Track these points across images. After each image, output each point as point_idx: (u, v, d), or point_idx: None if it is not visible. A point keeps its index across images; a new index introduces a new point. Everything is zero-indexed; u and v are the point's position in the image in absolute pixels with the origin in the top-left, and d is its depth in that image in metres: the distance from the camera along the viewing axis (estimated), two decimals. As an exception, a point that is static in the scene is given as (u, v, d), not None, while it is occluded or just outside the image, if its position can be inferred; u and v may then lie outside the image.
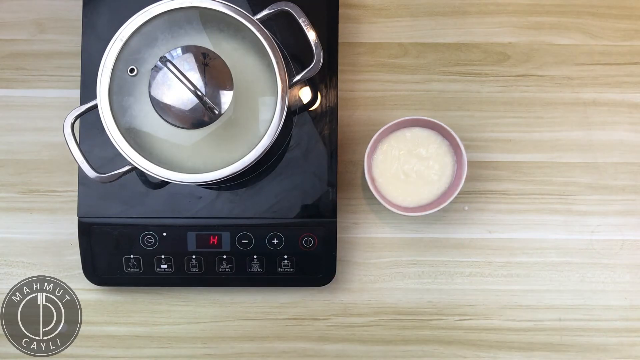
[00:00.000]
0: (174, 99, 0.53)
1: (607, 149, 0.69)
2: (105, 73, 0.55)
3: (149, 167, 0.55)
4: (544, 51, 0.70)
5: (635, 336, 0.68)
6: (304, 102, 0.66)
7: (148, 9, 0.56)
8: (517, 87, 0.70)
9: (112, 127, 0.55)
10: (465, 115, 0.69)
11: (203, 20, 0.58)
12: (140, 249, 0.64)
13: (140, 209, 0.65)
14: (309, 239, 0.65)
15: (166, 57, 0.53)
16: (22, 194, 0.69)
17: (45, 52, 0.70)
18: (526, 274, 0.69)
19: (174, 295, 0.69)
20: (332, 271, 0.65)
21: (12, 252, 0.69)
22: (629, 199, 0.69)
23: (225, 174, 0.56)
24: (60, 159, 0.69)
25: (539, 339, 0.69)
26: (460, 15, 0.70)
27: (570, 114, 0.70)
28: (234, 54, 0.59)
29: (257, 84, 0.59)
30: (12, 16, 0.70)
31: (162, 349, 0.68)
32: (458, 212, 0.69)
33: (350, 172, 0.69)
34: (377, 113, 0.69)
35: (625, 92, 0.70)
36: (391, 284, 0.69)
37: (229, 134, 0.58)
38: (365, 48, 0.70)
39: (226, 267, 0.65)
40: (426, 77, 0.70)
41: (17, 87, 0.70)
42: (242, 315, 0.69)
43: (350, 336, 0.68)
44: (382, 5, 0.71)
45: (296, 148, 0.65)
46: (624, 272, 0.69)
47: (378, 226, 0.69)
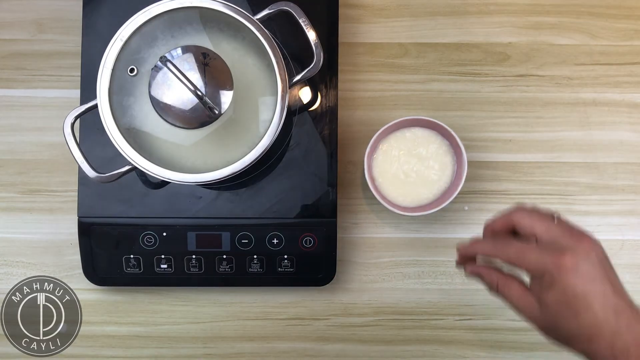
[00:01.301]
0: (174, 99, 0.53)
1: (607, 149, 0.69)
2: (105, 73, 0.55)
3: (149, 167, 0.55)
4: (544, 51, 0.70)
5: (635, 336, 0.68)
6: (304, 102, 0.66)
7: (148, 9, 0.56)
8: (517, 87, 0.70)
9: (112, 127, 0.55)
10: (465, 115, 0.69)
11: (203, 20, 0.58)
12: (140, 249, 0.64)
13: (140, 209, 0.65)
14: (309, 239, 0.65)
15: (166, 57, 0.53)
16: (22, 194, 0.69)
17: (45, 52, 0.70)
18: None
19: (174, 295, 0.69)
20: (332, 271, 0.65)
21: (12, 252, 0.69)
22: (629, 199, 0.69)
23: (225, 174, 0.56)
24: (60, 159, 0.69)
25: (539, 339, 0.68)
26: (460, 15, 0.70)
27: (570, 114, 0.70)
28: (234, 54, 0.59)
29: (257, 84, 0.59)
30: (12, 16, 0.70)
31: (162, 349, 0.68)
32: (458, 212, 0.69)
33: (350, 172, 0.69)
34: (377, 113, 0.69)
35: (625, 92, 0.70)
36: (391, 284, 0.69)
37: (229, 134, 0.58)
38: (365, 48, 0.70)
39: (226, 267, 0.65)
40: (426, 77, 0.70)
41: (17, 87, 0.70)
42: (242, 315, 0.69)
43: (350, 336, 0.68)
44: (382, 5, 0.71)
45: (296, 148, 0.65)
46: (624, 272, 0.68)
47: (378, 226, 0.69)
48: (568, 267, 0.43)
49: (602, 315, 0.43)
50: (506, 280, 0.48)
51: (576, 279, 0.43)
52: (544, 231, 0.46)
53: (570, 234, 0.45)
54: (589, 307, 0.43)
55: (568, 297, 0.43)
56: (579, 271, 0.43)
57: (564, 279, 0.43)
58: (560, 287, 0.44)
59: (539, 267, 0.44)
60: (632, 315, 0.43)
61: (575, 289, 0.43)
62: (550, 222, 0.47)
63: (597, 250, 0.45)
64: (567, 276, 0.43)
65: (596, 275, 0.44)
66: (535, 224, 0.47)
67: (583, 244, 0.45)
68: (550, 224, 0.47)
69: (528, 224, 0.48)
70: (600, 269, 0.44)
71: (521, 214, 0.48)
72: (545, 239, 0.46)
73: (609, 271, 0.45)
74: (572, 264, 0.43)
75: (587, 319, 0.43)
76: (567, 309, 0.44)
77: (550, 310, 0.45)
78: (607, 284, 0.44)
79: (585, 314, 0.43)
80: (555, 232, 0.46)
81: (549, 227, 0.46)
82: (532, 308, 0.46)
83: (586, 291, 0.43)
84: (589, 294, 0.43)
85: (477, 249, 0.51)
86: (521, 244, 0.47)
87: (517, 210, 0.49)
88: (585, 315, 0.43)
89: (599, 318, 0.43)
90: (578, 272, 0.43)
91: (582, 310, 0.43)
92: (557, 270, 0.43)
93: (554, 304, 0.44)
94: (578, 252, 0.44)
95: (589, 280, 0.43)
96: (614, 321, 0.43)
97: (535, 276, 0.45)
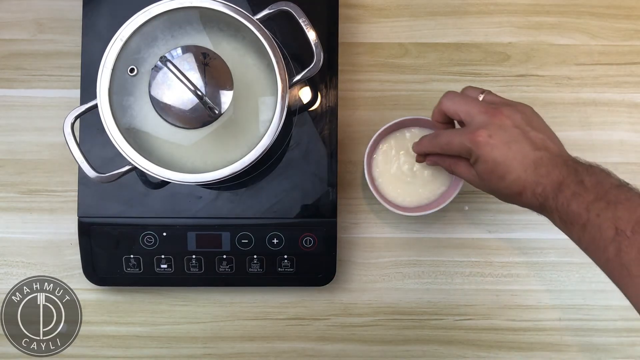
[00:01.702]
0: (174, 99, 0.53)
1: (607, 149, 0.69)
2: (105, 73, 0.55)
3: (149, 167, 0.55)
4: (544, 51, 0.70)
5: (635, 336, 0.68)
6: (304, 102, 0.66)
7: (148, 9, 0.56)
8: (517, 87, 0.70)
9: (112, 127, 0.55)
10: (465, 115, 0.69)
11: (203, 20, 0.58)
12: (140, 249, 0.64)
13: (140, 209, 0.65)
14: (309, 239, 0.65)
15: (166, 57, 0.53)
16: (22, 194, 0.69)
17: (45, 52, 0.70)
18: (526, 274, 0.69)
19: (174, 295, 0.69)
20: (332, 271, 0.65)
21: (12, 252, 0.69)
22: (629, 199, 0.69)
23: (225, 174, 0.56)
24: (60, 159, 0.69)
25: (539, 339, 0.69)
26: (460, 15, 0.70)
27: (570, 114, 0.70)
28: (234, 54, 0.59)
29: (257, 84, 0.59)
30: (12, 16, 0.70)
31: (162, 349, 0.68)
32: (458, 212, 0.69)
33: (350, 172, 0.69)
34: (377, 113, 0.69)
35: (625, 92, 0.70)
36: (391, 284, 0.69)
37: (229, 134, 0.58)
38: (365, 48, 0.70)
39: (226, 267, 0.65)
40: (426, 77, 0.70)
41: (17, 87, 0.70)
42: (242, 315, 0.69)
43: (350, 336, 0.68)
44: (382, 5, 0.71)
45: (296, 148, 0.65)
46: (624, 272, 0.69)
47: (378, 226, 0.69)
48: (481, 142, 0.49)
49: (523, 172, 0.48)
50: (454, 161, 0.55)
51: (493, 149, 0.49)
52: (466, 114, 0.52)
53: (486, 111, 0.50)
54: (510, 169, 0.49)
55: (491, 166, 0.49)
56: (493, 142, 0.49)
57: (483, 152, 0.49)
58: (483, 160, 0.50)
59: (464, 148, 0.51)
60: (551, 163, 0.48)
61: (495, 158, 0.49)
62: (472, 103, 0.52)
63: (513, 117, 0.50)
64: (484, 149, 0.49)
65: (511, 139, 0.49)
66: (458, 108, 0.53)
67: (496, 117, 0.50)
68: (471, 105, 0.52)
69: (452, 110, 0.53)
70: (516, 132, 0.49)
71: (446, 101, 0.54)
72: (467, 121, 0.52)
73: (528, 131, 0.49)
74: (484, 138, 0.49)
75: (511, 178, 0.49)
76: (494, 175, 0.50)
77: (484, 178, 0.51)
78: (524, 143, 0.49)
79: (509, 175, 0.49)
80: (474, 112, 0.51)
81: (469, 109, 0.52)
82: (474, 178, 0.53)
83: (504, 156, 0.49)
84: (507, 158, 0.49)
85: (422, 147, 0.58)
86: (447, 132, 0.54)
87: (443, 97, 0.54)
88: (509, 176, 0.49)
89: (521, 175, 0.48)
90: (492, 143, 0.49)
91: (506, 173, 0.49)
92: (475, 146, 0.50)
93: (484, 173, 0.51)
94: (489, 125, 0.49)
95: (504, 146, 0.49)
96: (533, 174, 0.48)
97: (466, 155, 0.52)
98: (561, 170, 0.47)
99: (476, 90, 0.54)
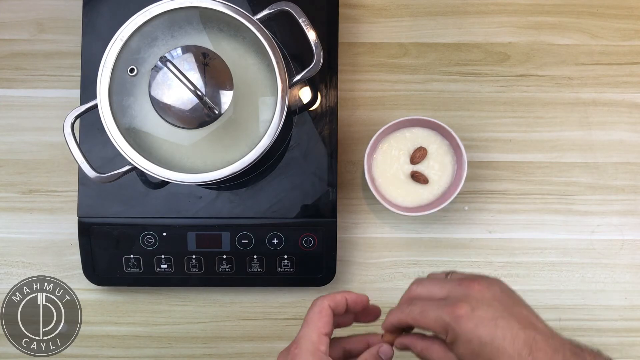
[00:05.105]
0: (174, 99, 0.53)
1: (607, 149, 0.69)
2: (105, 73, 0.55)
3: (149, 167, 0.55)
4: (544, 51, 0.70)
5: (635, 336, 0.68)
6: (304, 102, 0.66)
7: (148, 9, 0.56)
8: (517, 87, 0.70)
9: (112, 127, 0.55)
10: (465, 115, 0.69)
11: (203, 20, 0.58)
12: (140, 249, 0.64)
13: (140, 209, 0.65)
14: (309, 239, 0.65)
15: (166, 57, 0.53)
16: (22, 194, 0.69)
17: (45, 52, 0.70)
18: (526, 274, 0.69)
19: (174, 295, 0.69)
20: (332, 271, 0.65)
21: (12, 252, 0.69)
22: (629, 199, 0.69)
23: (225, 174, 0.56)
24: (60, 159, 0.69)
25: (539, 339, 0.68)
26: (460, 15, 0.70)
27: (570, 114, 0.70)
28: (234, 54, 0.59)
29: (257, 84, 0.59)
30: (12, 16, 0.70)
31: (162, 349, 0.68)
32: (458, 212, 0.69)
33: (350, 172, 0.69)
34: (377, 113, 0.69)
35: (625, 92, 0.70)
36: (391, 284, 0.69)
37: (229, 134, 0.58)
38: (365, 48, 0.70)
39: (226, 267, 0.65)
40: (426, 77, 0.70)
41: (17, 87, 0.70)
42: (242, 315, 0.69)
43: (350, 336, 0.68)
44: (382, 5, 0.71)
45: (296, 148, 0.65)
46: (624, 272, 0.69)
47: (378, 226, 0.69)
48: (463, 316, 0.42)
49: (517, 356, 0.41)
50: (427, 344, 0.47)
51: (477, 326, 0.42)
52: (439, 290, 0.46)
53: (460, 284, 0.45)
54: (501, 351, 0.41)
55: (476, 346, 0.42)
56: (476, 317, 0.42)
57: (464, 329, 0.42)
58: (464, 339, 0.42)
59: (440, 324, 0.43)
60: (547, 345, 0.42)
61: (480, 337, 0.42)
62: (443, 282, 0.47)
63: (492, 289, 0.44)
64: (466, 325, 0.42)
65: (496, 315, 0.42)
66: (430, 288, 0.47)
67: (474, 288, 0.44)
68: (443, 281, 0.47)
69: (425, 292, 0.47)
70: (499, 306, 0.43)
71: (416, 288, 0.48)
72: (441, 296, 0.45)
73: (511, 305, 0.44)
74: (465, 311, 0.42)
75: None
76: (480, 359, 0.42)
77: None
78: (512, 320, 0.42)
79: (499, 359, 0.41)
80: (447, 287, 0.45)
81: (442, 285, 0.46)
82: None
83: (491, 335, 0.41)
84: (495, 338, 0.41)
85: (392, 317, 0.49)
86: (422, 301, 0.46)
87: (412, 285, 0.49)
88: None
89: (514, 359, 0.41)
90: (475, 318, 0.42)
91: (494, 356, 0.41)
92: (454, 322, 0.42)
93: (466, 356, 0.43)
94: (470, 298, 0.43)
95: (490, 323, 0.42)
96: (529, 357, 0.41)
97: (441, 334, 0.44)
98: (565, 356, 0.42)
99: (441, 274, 0.49)
